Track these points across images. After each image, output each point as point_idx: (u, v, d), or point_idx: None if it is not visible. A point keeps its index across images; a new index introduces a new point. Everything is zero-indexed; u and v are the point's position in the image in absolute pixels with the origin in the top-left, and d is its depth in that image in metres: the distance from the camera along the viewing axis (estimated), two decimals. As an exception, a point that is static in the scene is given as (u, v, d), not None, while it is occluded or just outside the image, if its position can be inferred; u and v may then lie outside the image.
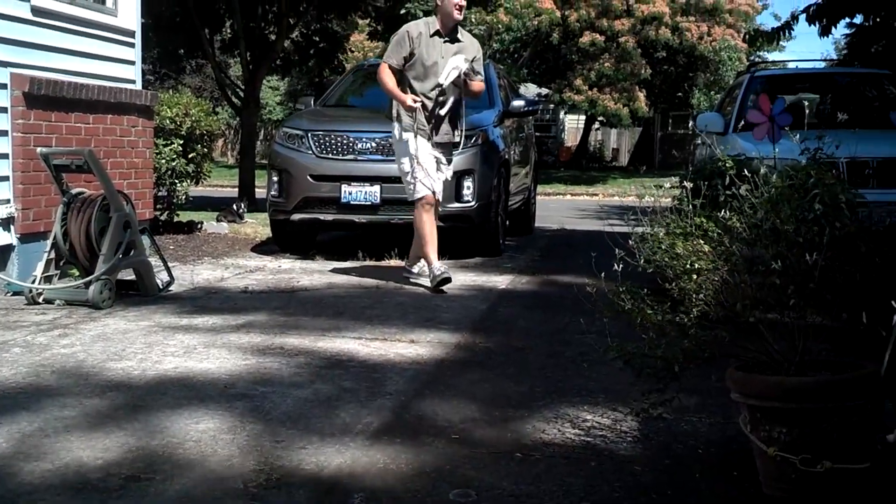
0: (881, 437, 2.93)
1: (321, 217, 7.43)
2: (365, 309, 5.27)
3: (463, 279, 6.43)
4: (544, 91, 30.22)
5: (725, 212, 2.75)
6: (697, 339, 2.66)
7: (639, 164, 31.11)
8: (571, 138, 35.95)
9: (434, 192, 6.04)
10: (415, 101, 5.94)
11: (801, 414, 2.42)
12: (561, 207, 15.92)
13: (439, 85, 5.96)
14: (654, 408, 2.80)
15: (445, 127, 6.09)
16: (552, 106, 32.20)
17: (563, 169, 29.33)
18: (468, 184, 7.30)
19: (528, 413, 3.33)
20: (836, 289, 2.64)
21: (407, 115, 6.00)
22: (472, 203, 7.33)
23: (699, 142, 8.77)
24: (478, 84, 6.19)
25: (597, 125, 33.44)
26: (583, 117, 31.77)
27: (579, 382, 3.76)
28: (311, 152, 7.41)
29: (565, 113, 34.32)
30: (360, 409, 3.31)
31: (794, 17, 8.74)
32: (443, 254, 7.38)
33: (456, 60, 5.97)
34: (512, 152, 8.57)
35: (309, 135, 7.47)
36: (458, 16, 6.05)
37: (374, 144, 7.31)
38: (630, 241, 2.90)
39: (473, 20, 15.43)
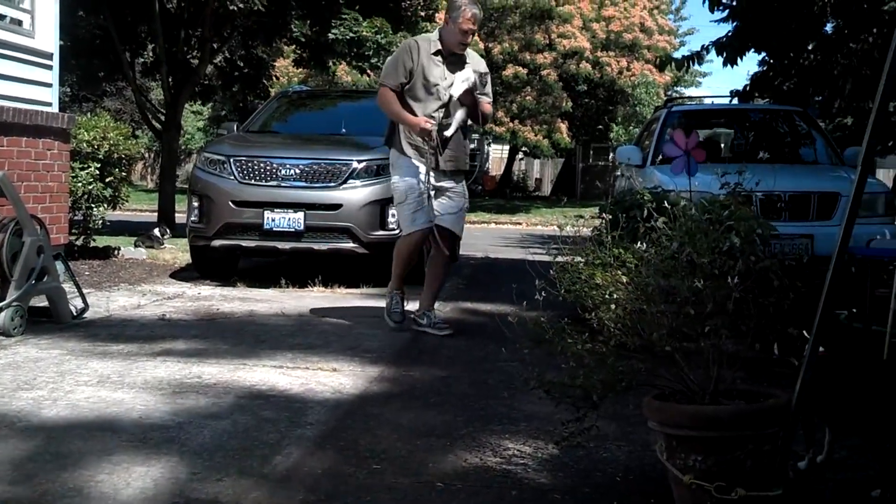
0: (793, 464, 3.01)
1: (243, 243, 7.34)
2: (286, 337, 5.20)
3: (386, 307, 6.40)
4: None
5: (643, 243, 2.81)
6: (615, 369, 2.70)
7: (561, 194, 31.65)
8: (496, 168, 36.32)
9: (424, 230, 5.56)
10: (428, 123, 5.34)
11: (715, 442, 2.47)
12: (486, 236, 16.03)
13: (450, 97, 5.39)
14: (573, 437, 2.82)
15: (450, 153, 5.49)
16: (476, 136, 32.46)
17: (488, 198, 29.57)
18: (393, 212, 7.28)
19: (451, 442, 3.32)
20: (749, 319, 2.71)
21: (407, 140, 5.49)
22: (397, 231, 7.30)
23: (619, 173, 8.95)
24: (487, 105, 5.63)
25: (521, 155, 33.89)
26: (507, 147, 32.16)
27: (501, 411, 3.78)
28: (233, 178, 7.32)
29: (489, 143, 34.69)
30: (280, 440, 3.26)
31: (706, 48, 9.03)
32: (367, 281, 7.40)
33: (465, 73, 5.38)
34: (437, 181, 8.59)
35: (231, 160, 7.38)
36: (459, 50, 5.48)
37: (298, 171, 7.27)
38: (551, 271, 2.94)
39: (398, 45, 15.53)
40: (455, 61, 5.50)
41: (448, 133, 5.44)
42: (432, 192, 5.47)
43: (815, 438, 3.02)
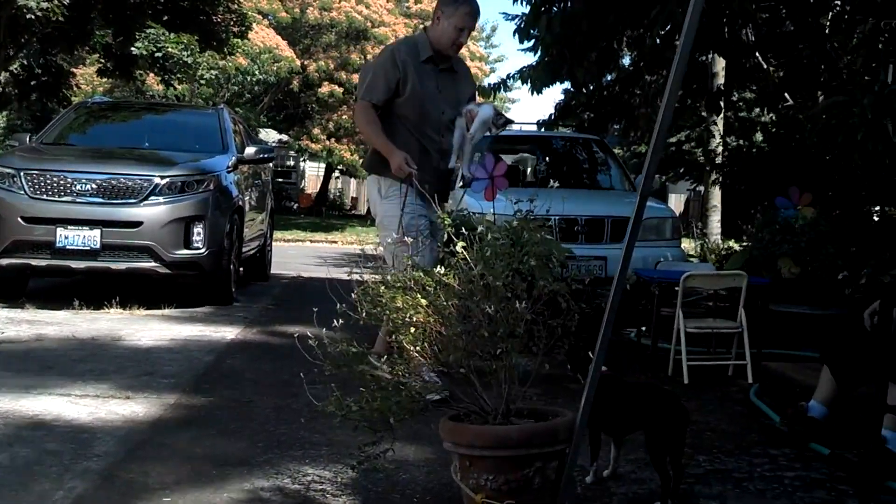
0: (581, 479, 3.14)
1: (33, 262, 6.88)
2: (77, 363, 4.91)
3: (190, 330, 6.19)
4: (284, 137, 30.22)
5: (442, 266, 2.86)
6: (413, 391, 2.72)
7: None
8: (312, 185, 36.11)
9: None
10: (407, 165, 4.35)
11: (505, 461, 2.54)
12: (299, 254, 15.85)
13: (467, 139, 4.54)
14: (369, 460, 2.82)
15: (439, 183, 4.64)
16: (293, 153, 32.25)
17: (304, 216, 29.32)
18: (198, 230, 7.07)
19: (248, 470, 3.24)
20: (540, 340, 2.81)
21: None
22: (203, 250, 7.11)
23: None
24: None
25: (337, 174, 33.86)
26: (323, 165, 32.04)
27: (303, 435, 3.72)
28: (23, 192, 6.87)
29: (305, 160, 34.48)
30: (63, 474, 3.07)
31: (510, 77, 9.38)
32: (169, 302, 7.13)
33: (487, 111, 4.54)
34: (247, 198, 8.44)
35: (21, 174, 6.92)
36: (452, 52, 4.63)
37: (94, 186, 6.90)
38: (352, 294, 2.93)
39: (206, 64, 15.10)
40: (447, 69, 4.67)
41: (451, 165, 4.61)
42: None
43: (598, 454, 3.17)
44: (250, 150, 8.45)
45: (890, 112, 5.16)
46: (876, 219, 8.02)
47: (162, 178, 7.03)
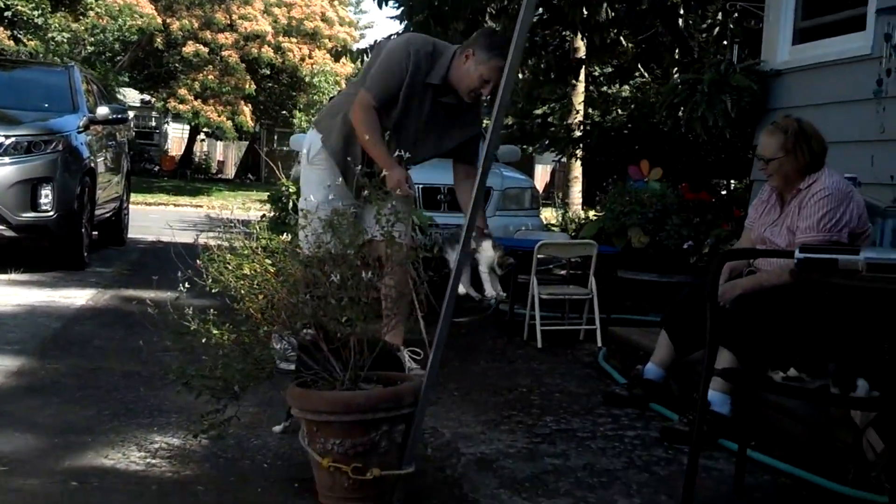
0: (431, 441, 3.23)
1: None
2: None
3: (38, 295, 5.95)
4: (146, 98, 29.15)
5: (288, 234, 2.85)
6: (260, 358, 2.72)
7: (245, 177, 31.24)
8: (176, 147, 34.97)
9: None
10: (406, 181, 3.92)
11: (352, 426, 2.58)
12: (161, 218, 15.30)
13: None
14: (213, 427, 2.80)
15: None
16: (155, 114, 31.14)
17: (167, 178, 28.40)
18: (46, 192, 6.78)
19: (92, 438, 3.17)
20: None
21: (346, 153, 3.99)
22: (51, 213, 6.83)
23: (299, 161, 8.99)
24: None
25: (202, 136, 32.91)
26: (188, 127, 31.08)
27: (153, 403, 3.65)
28: None
29: (168, 122, 33.37)
30: None
31: (377, 42, 9.35)
32: (17, 266, 6.83)
33: (487, 254, 4.11)
34: (101, 160, 8.13)
35: None
36: (467, 98, 4.02)
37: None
38: (197, 262, 2.88)
39: (57, 26, 14.33)
40: (449, 103, 4.07)
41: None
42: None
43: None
44: (103, 111, 8.13)
45: (728, 88, 5.44)
46: (723, 193, 8.46)
47: (7, 137, 6.70)
